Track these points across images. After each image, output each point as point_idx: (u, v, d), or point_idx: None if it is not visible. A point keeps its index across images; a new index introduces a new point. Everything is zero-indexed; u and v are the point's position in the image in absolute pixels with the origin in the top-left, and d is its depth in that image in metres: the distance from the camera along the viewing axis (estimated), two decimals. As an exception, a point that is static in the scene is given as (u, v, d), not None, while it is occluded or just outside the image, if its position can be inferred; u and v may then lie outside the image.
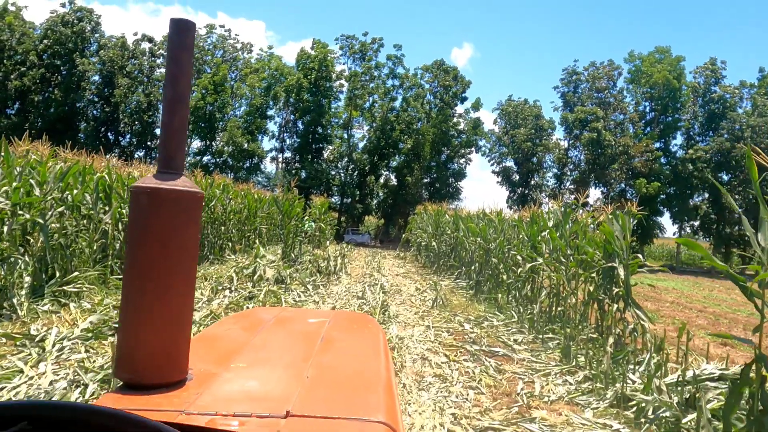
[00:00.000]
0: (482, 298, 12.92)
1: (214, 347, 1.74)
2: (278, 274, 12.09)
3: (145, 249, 1.14)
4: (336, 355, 1.74)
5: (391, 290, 14.15)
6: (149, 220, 1.14)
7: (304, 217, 17.53)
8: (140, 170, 12.70)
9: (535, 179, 48.30)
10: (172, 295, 1.16)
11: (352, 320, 2.49)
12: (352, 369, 1.60)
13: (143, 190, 1.13)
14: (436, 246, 20.49)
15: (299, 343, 1.88)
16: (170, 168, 1.18)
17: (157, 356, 1.17)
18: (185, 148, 1.24)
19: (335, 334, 1.99)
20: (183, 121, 1.21)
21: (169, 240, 1.14)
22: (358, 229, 47.44)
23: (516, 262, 12.34)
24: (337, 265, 16.27)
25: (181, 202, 1.15)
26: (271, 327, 2.06)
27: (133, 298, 1.16)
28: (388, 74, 49.18)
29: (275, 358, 1.62)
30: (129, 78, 47.63)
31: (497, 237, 12.80)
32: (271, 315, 2.32)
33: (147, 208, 1.14)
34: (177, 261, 1.16)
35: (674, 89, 44.96)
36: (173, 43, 1.22)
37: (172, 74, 1.21)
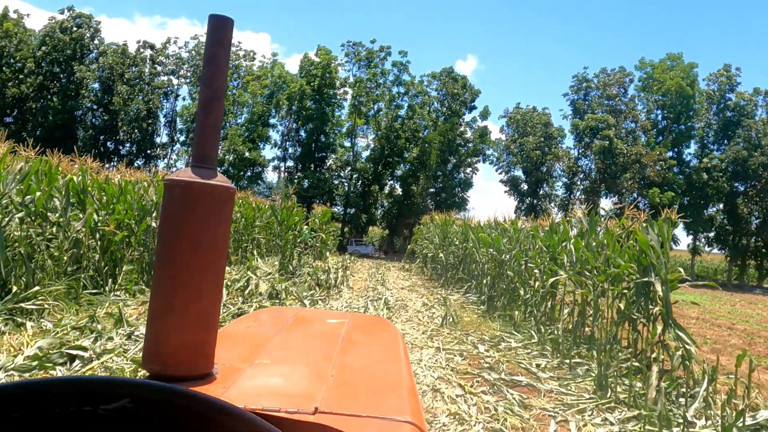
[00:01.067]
0: (496, 315, 11.87)
1: (236, 343, 1.74)
2: (272, 288, 11.09)
3: (177, 242, 1.13)
4: (358, 356, 1.75)
5: (395, 306, 13.12)
6: (182, 213, 1.13)
7: (303, 226, 16.55)
8: (121, 173, 11.76)
9: (544, 189, 47.22)
10: (202, 289, 1.15)
11: (370, 323, 2.53)
12: (375, 370, 1.62)
13: (177, 183, 1.12)
14: (443, 258, 19.48)
15: (320, 342, 1.89)
16: (205, 163, 1.16)
17: (184, 350, 1.15)
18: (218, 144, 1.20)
19: (355, 336, 2.00)
20: (218, 118, 1.18)
21: (201, 234, 1.13)
22: (361, 240, 46.42)
23: (533, 275, 11.31)
24: (338, 278, 15.26)
25: (215, 196, 1.14)
26: (290, 326, 2.07)
27: (164, 291, 1.14)
28: (393, 81, 48.39)
29: (298, 356, 1.64)
30: (128, 85, 47.00)
31: (512, 248, 11.78)
32: (290, 314, 2.31)
33: (181, 201, 1.12)
34: (208, 256, 1.14)
35: (688, 96, 43.98)
36: (211, 40, 1.16)
37: (209, 72, 1.17)
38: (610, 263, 8.47)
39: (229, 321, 8.94)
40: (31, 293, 7.38)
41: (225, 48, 1.18)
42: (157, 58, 51.23)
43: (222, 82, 1.18)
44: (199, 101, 1.16)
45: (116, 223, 10.19)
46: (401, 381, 1.49)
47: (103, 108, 48.38)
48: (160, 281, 1.15)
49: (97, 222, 9.58)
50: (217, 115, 1.18)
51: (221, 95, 1.18)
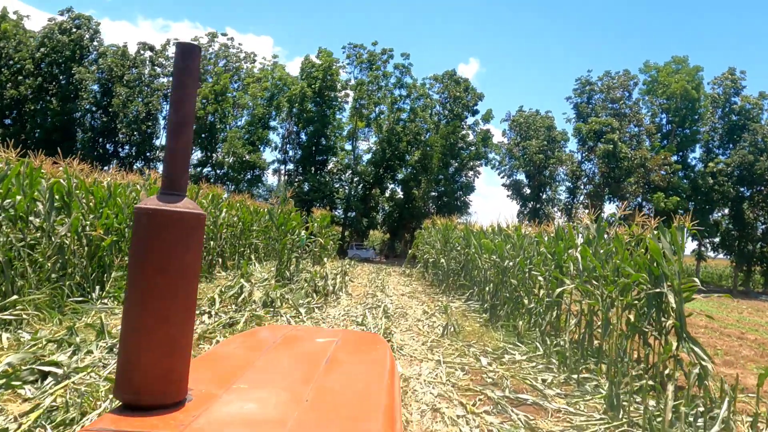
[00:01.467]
0: (499, 324, 11.48)
1: (218, 367, 1.72)
2: (266, 296, 10.71)
3: (146, 270, 1.13)
4: (339, 378, 1.71)
5: (395, 314, 12.74)
6: (151, 241, 1.13)
7: (301, 231, 16.19)
8: (111, 176, 11.41)
9: (547, 193, 46.81)
10: (172, 316, 1.15)
11: (360, 341, 2.48)
12: (354, 393, 1.59)
13: (145, 211, 1.12)
14: (445, 263, 19.09)
15: (303, 364, 1.86)
16: (174, 189, 1.17)
17: (156, 377, 1.15)
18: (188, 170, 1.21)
19: (341, 356, 1.97)
20: (187, 144, 1.20)
21: (170, 261, 1.13)
22: (362, 244, 46.07)
23: (537, 283, 10.92)
24: (336, 284, 14.88)
25: (184, 223, 1.14)
26: (277, 347, 2.04)
27: (134, 319, 1.14)
28: (395, 84, 48.06)
29: (277, 379, 1.62)
30: (128, 87, 46.73)
31: (516, 255, 11.39)
32: (280, 334, 2.30)
33: (148, 229, 1.12)
34: (176, 281, 1.14)
35: (693, 100, 43.59)
36: (178, 68, 1.20)
37: (177, 98, 1.20)
38: (619, 272, 8.09)
39: (219, 331, 8.57)
40: (10, 302, 7.02)
41: (193, 74, 1.19)
42: (157, 59, 50.99)
43: (190, 108, 1.18)
44: (167, 127, 1.15)
45: (105, 227, 9.83)
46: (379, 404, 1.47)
47: (102, 110, 48.12)
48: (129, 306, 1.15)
49: (84, 226, 9.22)
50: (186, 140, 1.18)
51: (190, 121, 1.18)
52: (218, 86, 46.70)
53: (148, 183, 12.71)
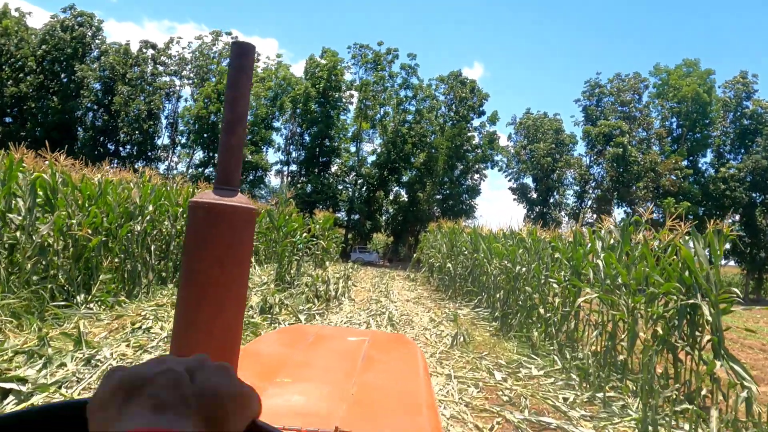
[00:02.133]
0: (511, 334, 10.85)
1: (258, 362, 1.75)
2: (264, 302, 10.11)
3: (201, 264, 1.15)
4: (378, 375, 1.75)
5: (400, 321, 12.13)
6: (206, 235, 1.16)
7: (302, 233, 15.59)
8: (103, 173, 10.84)
9: (554, 197, 46.11)
10: (226, 309, 1.17)
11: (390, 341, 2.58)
12: (395, 388, 1.63)
13: (201, 204, 1.16)
14: (451, 268, 18.47)
15: (341, 360, 1.88)
16: (228, 184, 1.20)
17: None
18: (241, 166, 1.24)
19: (375, 354, 1.99)
20: (240, 141, 1.22)
21: (225, 255, 1.16)
22: (365, 248, 45.45)
23: (552, 291, 10.29)
24: (338, 289, 14.28)
25: (238, 217, 1.17)
26: (311, 344, 2.08)
27: (189, 311, 1.16)
28: (401, 84, 47.49)
29: (319, 374, 1.66)
30: (130, 85, 46.29)
31: (530, 260, 10.76)
32: (311, 332, 2.35)
33: (204, 223, 1.16)
34: (232, 276, 1.17)
35: (704, 103, 42.88)
36: (234, 66, 1.22)
37: (231, 96, 1.21)
38: (647, 281, 7.47)
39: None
40: (-19, 307, 6.44)
41: (247, 73, 1.22)
42: (159, 58, 50.59)
43: (244, 106, 1.21)
44: (222, 124, 1.19)
45: (93, 227, 9.26)
46: (421, 399, 1.51)
47: (104, 108, 47.70)
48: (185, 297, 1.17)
49: (69, 225, 8.65)
50: (239, 138, 1.21)
51: (244, 119, 1.21)
52: (221, 86, 46.19)
53: (143, 180, 12.14)
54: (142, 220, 11.00)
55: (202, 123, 46.33)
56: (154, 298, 10.84)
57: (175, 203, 13.11)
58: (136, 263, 10.78)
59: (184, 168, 51.60)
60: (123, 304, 9.53)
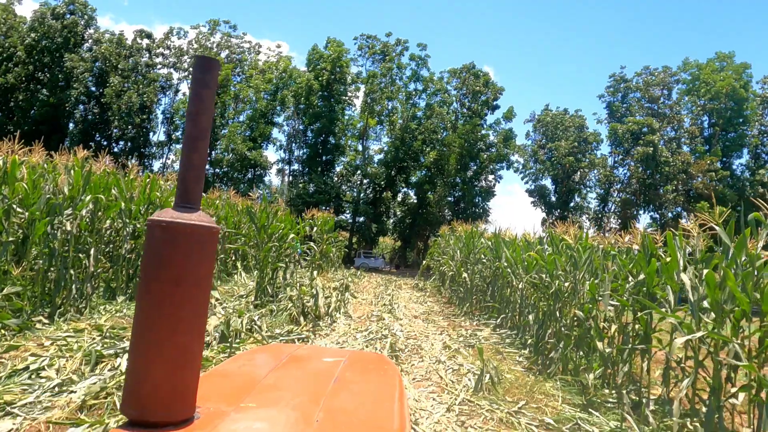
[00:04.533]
0: (550, 370, 8.41)
1: (226, 384, 1.71)
2: (225, 325, 7.73)
3: (158, 283, 1.13)
4: (349, 399, 1.70)
5: (406, 347, 9.74)
6: (164, 253, 1.13)
7: (291, 236, 13.23)
8: (42, 158, 8.48)
9: (575, 200, 43.47)
10: (182, 331, 1.14)
11: (367, 361, 2.42)
12: (364, 415, 1.58)
13: (158, 223, 1.13)
14: (467, 278, 16.03)
15: (312, 383, 1.84)
16: (188, 202, 1.18)
17: (164, 393, 1.14)
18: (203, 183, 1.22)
19: (349, 376, 1.95)
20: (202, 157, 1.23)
21: (182, 275, 1.13)
22: (371, 252, 43.06)
23: (603, 315, 7.83)
24: (331, 304, 11.90)
25: (197, 236, 1.14)
26: (284, 365, 2.02)
27: (144, 333, 1.12)
28: (410, 77, 45.11)
29: (286, 398, 1.61)
30: (122, 77, 44.25)
31: (579, 274, 8.31)
32: (286, 352, 2.25)
33: (162, 241, 1.12)
34: (189, 296, 1.14)
35: (741, 100, 40.15)
36: (197, 81, 1.22)
37: (194, 110, 1.22)
38: None
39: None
40: None
41: (210, 88, 1.21)
42: (156, 49, 48.57)
43: (207, 121, 1.21)
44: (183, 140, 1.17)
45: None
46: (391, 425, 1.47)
47: (95, 100, 45.71)
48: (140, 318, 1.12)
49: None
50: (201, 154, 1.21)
51: (206, 135, 1.20)
52: (219, 77, 44.07)
53: (74, 164, 9.76)
54: (74, 216, 8.69)
55: (198, 117, 44.22)
56: (89, 317, 8.54)
57: (130, 197, 10.81)
58: (66, 271, 8.46)
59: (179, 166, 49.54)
60: (35, 329, 7.24)
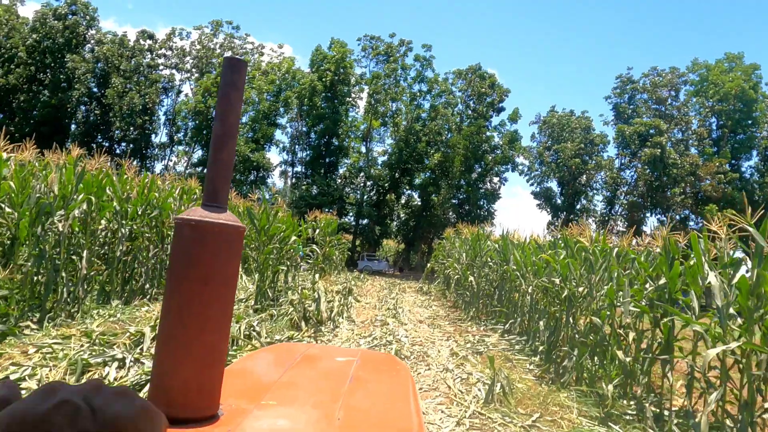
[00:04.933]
0: (564, 380, 8.02)
1: (243, 382, 1.74)
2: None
3: (186, 281, 1.15)
4: (366, 398, 1.73)
5: (412, 355, 9.37)
6: (192, 252, 1.15)
7: (293, 238, 12.87)
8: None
9: (582, 203, 43.00)
10: (210, 329, 1.16)
11: (379, 361, 2.45)
12: (383, 413, 1.61)
13: (187, 222, 1.15)
14: (474, 282, 15.64)
15: (328, 382, 1.87)
16: (216, 201, 1.20)
17: (191, 390, 1.17)
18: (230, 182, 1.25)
19: (364, 375, 1.98)
20: (230, 156, 1.24)
21: (210, 273, 1.15)
22: (374, 255, 42.68)
23: (618, 321, 7.44)
24: (333, 308, 11.53)
25: (225, 235, 1.17)
26: (298, 364, 2.05)
27: (172, 331, 1.15)
28: (415, 78, 44.76)
29: (305, 396, 1.64)
30: (124, 77, 44.04)
31: (596, 278, 7.91)
32: (298, 351, 2.27)
33: (190, 240, 1.15)
34: (217, 295, 1.16)
35: (751, 101, 39.68)
36: (225, 81, 1.24)
37: (222, 110, 1.23)
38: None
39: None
40: None
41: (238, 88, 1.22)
42: (158, 49, 48.40)
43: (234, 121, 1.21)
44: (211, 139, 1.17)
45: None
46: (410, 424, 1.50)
47: (96, 101, 45.53)
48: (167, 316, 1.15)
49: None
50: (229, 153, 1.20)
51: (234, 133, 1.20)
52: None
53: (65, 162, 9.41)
54: (66, 216, 8.36)
55: (201, 119, 43.97)
56: (81, 322, 8.19)
57: (126, 197, 10.47)
58: (56, 274, 8.13)
59: (183, 168, 49.37)
60: (22, 335, 6.90)
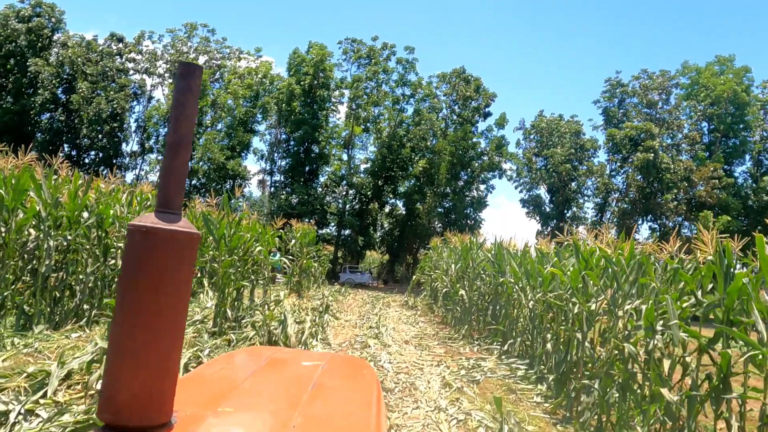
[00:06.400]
0: (585, 420, 6.60)
1: (204, 389, 1.72)
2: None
3: (137, 288, 1.13)
4: (326, 404, 1.71)
5: (397, 385, 7.91)
6: (144, 259, 1.13)
7: (257, 248, 11.35)
8: None
9: (572, 210, 41.94)
10: (161, 336, 1.14)
11: (346, 365, 2.43)
12: (342, 419, 1.60)
13: (139, 228, 1.13)
14: (465, 295, 14.24)
15: (289, 388, 1.85)
16: (169, 208, 1.18)
17: (141, 398, 1.14)
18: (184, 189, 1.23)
19: (327, 381, 1.96)
20: (184, 163, 1.23)
21: (162, 280, 1.14)
22: (357, 267, 41.15)
23: (664, 353, 6.05)
24: (305, 331, 10.02)
25: (177, 242, 1.15)
26: (262, 369, 2.03)
27: (122, 338, 1.13)
28: (398, 82, 43.51)
29: (263, 403, 1.65)
30: (90, 82, 42.18)
31: (621, 293, 6.51)
32: (264, 356, 2.25)
33: (142, 247, 1.13)
34: (168, 302, 1.14)
35: (742, 104, 39.07)
36: (179, 87, 1.24)
37: (176, 117, 1.23)
38: None
39: None
40: None
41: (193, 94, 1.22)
42: (128, 53, 46.66)
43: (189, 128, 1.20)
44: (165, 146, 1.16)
45: None
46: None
47: (62, 107, 43.59)
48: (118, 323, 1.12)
49: None
50: (182, 160, 1.19)
51: (188, 141, 1.19)
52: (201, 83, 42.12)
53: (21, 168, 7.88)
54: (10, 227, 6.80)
55: (173, 125, 42.23)
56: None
57: (54, 202, 8.90)
58: None
59: (156, 178, 47.48)
60: None
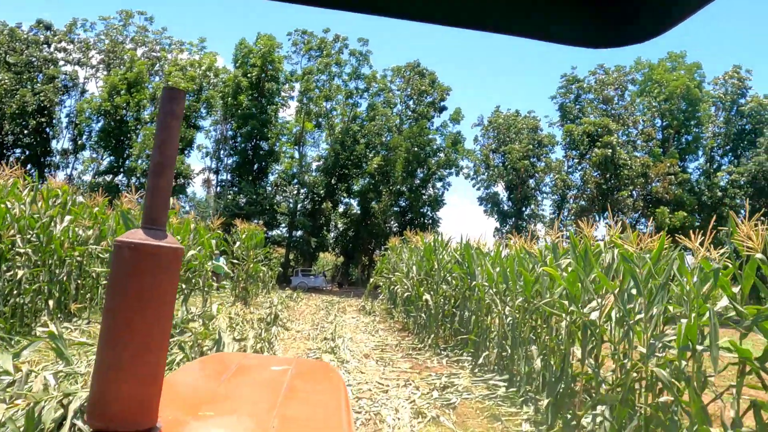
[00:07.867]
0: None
1: (180, 394, 1.76)
2: (28, 414, 4.32)
3: (124, 302, 1.17)
4: (300, 407, 1.81)
5: (359, 417, 6.61)
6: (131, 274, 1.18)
7: (190, 252, 9.84)
8: None
9: (530, 208, 41.63)
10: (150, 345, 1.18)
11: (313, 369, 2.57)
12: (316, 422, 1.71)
13: (128, 244, 1.19)
14: (430, 300, 13.05)
15: (264, 392, 1.94)
16: (155, 224, 1.23)
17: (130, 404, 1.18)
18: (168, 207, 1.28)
19: (298, 384, 2.05)
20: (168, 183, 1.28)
21: (148, 294, 1.18)
22: (310, 270, 39.53)
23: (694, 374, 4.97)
24: (247, 348, 8.58)
25: (163, 258, 1.21)
26: (234, 375, 2.09)
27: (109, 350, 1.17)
28: (350, 75, 42.17)
29: (241, 406, 1.71)
30: (14, 72, 39.04)
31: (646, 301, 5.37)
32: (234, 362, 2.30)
33: (129, 262, 1.18)
34: (155, 315, 1.19)
35: (695, 100, 39.64)
36: (164, 111, 1.26)
37: (161, 140, 1.26)
38: None
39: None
40: None
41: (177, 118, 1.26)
42: (58, 42, 43.56)
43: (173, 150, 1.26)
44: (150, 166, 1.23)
45: None
46: None
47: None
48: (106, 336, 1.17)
49: None
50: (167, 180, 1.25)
51: (172, 162, 1.25)
52: (131, 74, 39.60)
53: None
54: None
55: (108, 120, 39.57)
56: None
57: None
58: None
59: (90, 178, 44.53)
60: None
